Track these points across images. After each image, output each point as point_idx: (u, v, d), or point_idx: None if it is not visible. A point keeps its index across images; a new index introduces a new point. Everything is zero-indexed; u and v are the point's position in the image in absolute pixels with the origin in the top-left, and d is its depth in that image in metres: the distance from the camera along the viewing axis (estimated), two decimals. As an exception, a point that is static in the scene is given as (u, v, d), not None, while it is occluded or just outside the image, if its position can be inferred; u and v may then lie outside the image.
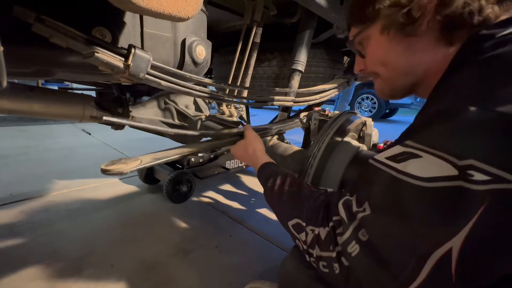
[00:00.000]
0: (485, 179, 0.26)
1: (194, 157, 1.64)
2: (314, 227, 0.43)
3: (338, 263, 0.37)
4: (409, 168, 0.32)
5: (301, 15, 0.97)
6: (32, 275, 0.91)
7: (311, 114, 0.92)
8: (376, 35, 0.45)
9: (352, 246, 0.35)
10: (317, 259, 0.41)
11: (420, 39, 0.41)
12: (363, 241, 0.34)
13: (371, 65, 0.49)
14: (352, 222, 0.37)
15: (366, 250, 0.34)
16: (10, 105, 0.54)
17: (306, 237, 0.44)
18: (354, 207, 0.37)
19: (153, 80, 0.51)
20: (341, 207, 0.40)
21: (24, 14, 0.40)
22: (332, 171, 0.75)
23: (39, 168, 1.91)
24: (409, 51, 0.42)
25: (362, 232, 0.35)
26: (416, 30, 0.39)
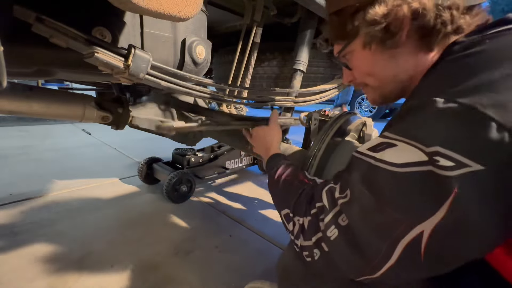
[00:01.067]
0: (450, 165, 0.28)
1: (194, 157, 1.64)
2: (299, 217, 0.45)
3: (318, 248, 0.39)
4: (385, 156, 0.34)
5: (301, 15, 0.97)
6: (32, 275, 0.91)
7: (311, 114, 0.92)
8: (359, 49, 0.47)
9: (331, 231, 0.37)
10: (301, 249, 0.43)
11: (401, 49, 0.43)
12: (342, 226, 0.36)
13: (359, 76, 0.51)
14: (333, 208, 0.38)
15: (343, 235, 0.36)
16: (10, 105, 0.54)
17: (293, 227, 0.45)
18: (337, 193, 0.39)
19: (153, 80, 0.51)
20: (324, 194, 0.41)
21: (24, 14, 0.40)
22: (333, 171, 0.75)
23: (39, 168, 1.91)
24: (392, 60, 0.45)
25: (342, 217, 0.37)
26: (396, 42, 0.42)
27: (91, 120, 0.68)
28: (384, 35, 0.41)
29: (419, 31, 0.41)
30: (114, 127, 0.76)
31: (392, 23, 0.40)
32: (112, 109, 0.72)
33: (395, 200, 0.32)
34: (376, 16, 0.40)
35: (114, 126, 0.75)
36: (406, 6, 0.39)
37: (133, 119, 0.79)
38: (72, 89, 1.67)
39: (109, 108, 0.71)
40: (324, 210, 0.40)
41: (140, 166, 1.65)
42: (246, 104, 0.87)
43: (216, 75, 1.49)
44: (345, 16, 0.45)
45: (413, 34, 0.41)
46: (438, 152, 0.29)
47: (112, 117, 0.72)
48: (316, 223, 0.41)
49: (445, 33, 0.40)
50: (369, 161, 0.36)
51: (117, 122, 0.74)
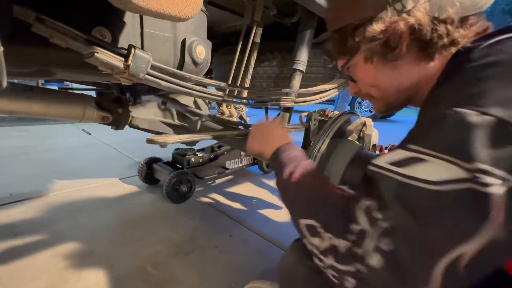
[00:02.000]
0: (495, 182, 0.27)
1: (194, 157, 1.64)
2: (331, 235, 0.39)
3: (354, 278, 0.36)
4: (416, 172, 0.32)
5: (301, 15, 0.97)
6: (32, 275, 0.91)
7: (311, 115, 0.92)
8: (361, 63, 0.49)
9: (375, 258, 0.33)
10: (329, 268, 0.39)
11: (402, 61, 0.45)
12: (386, 252, 0.32)
13: (363, 88, 0.53)
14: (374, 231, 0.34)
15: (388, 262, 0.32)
16: (10, 105, 0.54)
17: (322, 243, 0.40)
18: (376, 214, 0.34)
19: (153, 80, 0.51)
20: (361, 214, 0.36)
21: (24, 14, 0.40)
22: (332, 172, 0.75)
23: (39, 168, 1.91)
24: (394, 72, 0.46)
25: (385, 242, 0.33)
26: (396, 55, 0.43)
27: (91, 120, 0.68)
28: (384, 50, 0.43)
29: (418, 44, 0.42)
30: (114, 127, 0.76)
31: (391, 38, 0.42)
32: (112, 109, 0.72)
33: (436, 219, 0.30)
34: (375, 33, 0.42)
35: (114, 126, 0.76)
36: (402, 22, 0.41)
37: (133, 119, 0.79)
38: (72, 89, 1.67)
39: (109, 108, 0.71)
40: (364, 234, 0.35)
41: (140, 166, 1.65)
42: (246, 104, 0.86)
43: (216, 75, 1.49)
44: (345, 33, 0.47)
45: (413, 47, 0.43)
46: (480, 169, 0.28)
47: (112, 117, 0.72)
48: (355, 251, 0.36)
49: (443, 45, 0.41)
50: (396, 178, 0.33)
51: (117, 122, 0.75)
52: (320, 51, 1.22)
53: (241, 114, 1.76)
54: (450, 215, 0.29)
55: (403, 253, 0.31)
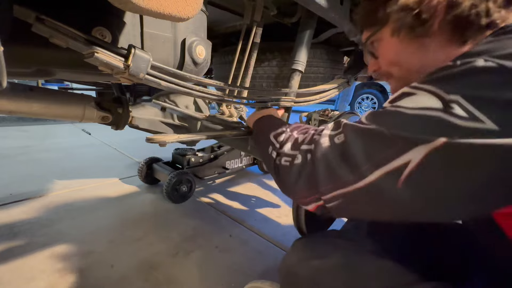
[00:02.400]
0: (463, 115, 0.28)
1: (194, 157, 1.64)
2: (294, 131, 0.50)
3: (301, 156, 0.43)
4: (400, 102, 0.35)
5: (301, 15, 0.97)
6: (31, 275, 0.91)
7: (311, 115, 0.92)
8: (387, 37, 0.46)
9: (325, 141, 0.40)
10: (283, 155, 0.47)
11: (431, 39, 0.41)
12: (335, 142, 0.39)
13: (384, 65, 0.50)
14: (335, 129, 0.41)
15: (334, 147, 0.38)
16: (10, 105, 0.54)
17: (283, 138, 0.50)
18: (344, 120, 0.41)
19: (153, 80, 0.51)
20: (332, 123, 0.44)
21: (24, 14, 0.40)
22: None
23: (39, 168, 1.91)
24: (420, 51, 0.43)
25: (338, 136, 0.39)
26: (427, 31, 0.40)
27: (91, 120, 0.68)
28: (415, 22, 0.40)
29: (452, 21, 0.39)
30: (114, 127, 0.76)
31: (425, 10, 0.39)
32: (112, 109, 0.72)
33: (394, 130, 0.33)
34: (409, 2, 0.39)
35: (114, 126, 0.76)
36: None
37: (133, 119, 0.79)
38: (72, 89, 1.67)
39: (109, 108, 0.71)
40: (323, 130, 0.43)
41: (140, 166, 1.65)
42: (246, 104, 0.86)
43: (216, 75, 1.49)
44: (377, 2, 0.45)
45: (446, 24, 0.40)
46: (456, 101, 0.29)
47: (112, 117, 0.72)
48: (310, 138, 0.44)
49: (479, 26, 0.38)
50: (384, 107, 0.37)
51: (117, 122, 0.75)
52: (320, 50, 1.22)
53: (241, 114, 1.76)
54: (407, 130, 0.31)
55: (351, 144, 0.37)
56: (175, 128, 1.01)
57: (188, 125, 1.04)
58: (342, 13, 0.85)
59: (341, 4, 0.85)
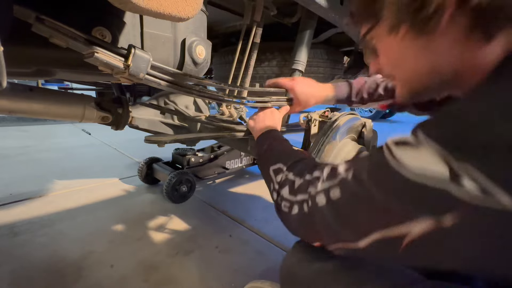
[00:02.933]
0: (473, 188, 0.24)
1: (194, 157, 1.64)
2: (292, 174, 0.48)
3: (298, 206, 0.42)
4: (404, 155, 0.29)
5: (301, 15, 0.97)
6: (31, 275, 0.91)
7: (310, 115, 0.92)
8: (385, 34, 0.38)
9: (321, 198, 0.38)
10: (282, 199, 0.47)
11: (441, 36, 0.32)
12: (332, 199, 0.36)
13: (386, 66, 0.43)
14: (330, 180, 0.38)
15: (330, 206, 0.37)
16: (10, 105, 0.54)
17: (281, 179, 0.49)
18: (340, 169, 0.38)
19: (153, 80, 0.51)
20: (327, 168, 0.41)
21: (24, 14, 0.40)
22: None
23: (39, 168, 1.91)
24: (428, 50, 0.34)
25: (334, 191, 0.37)
26: (434, 27, 0.31)
27: (91, 120, 0.68)
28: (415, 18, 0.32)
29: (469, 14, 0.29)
30: (114, 127, 0.76)
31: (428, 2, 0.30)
32: (112, 110, 0.72)
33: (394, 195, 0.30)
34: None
35: (114, 126, 0.76)
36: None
37: (133, 119, 0.79)
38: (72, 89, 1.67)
39: (109, 109, 0.71)
40: (319, 179, 0.41)
41: (140, 166, 1.65)
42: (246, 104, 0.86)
43: (216, 75, 1.49)
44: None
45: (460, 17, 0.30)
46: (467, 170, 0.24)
47: (112, 117, 0.72)
48: (305, 187, 0.42)
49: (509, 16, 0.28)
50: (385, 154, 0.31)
51: (117, 123, 0.75)
52: (320, 50, 1.22)
53: (241, 115, 1.76)
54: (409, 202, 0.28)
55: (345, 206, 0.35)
56: (175, 128, 1.01)
57: (188, 125, 1.04)
58: (342, 13, 0.86)
59: (341, 4, 0.85)
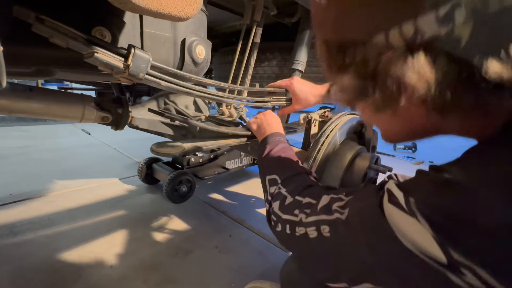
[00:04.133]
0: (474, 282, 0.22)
1: (194, 157, 1.64)
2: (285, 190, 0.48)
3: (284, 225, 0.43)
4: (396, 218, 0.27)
5: (301, 15, 0.97)
6: (31, 275, 0.91)
7: (310, 115, 0.92)
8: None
9: (311, 230, 0.38)
10: (272, 212, 0.48)
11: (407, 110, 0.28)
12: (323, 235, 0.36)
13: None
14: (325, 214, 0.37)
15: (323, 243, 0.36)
16: (10, 105, 0.54)
17: (274, 191, 0.50)
18: (336, 205, 0.37)
19: (153, 80, 0.51)
20: (326, 198, 0.39)
21: (24, 14, 0.40)
22: (332, 173, 0.75)
23: (39, 168, 1.91)
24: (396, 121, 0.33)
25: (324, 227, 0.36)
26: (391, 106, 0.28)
27: (91, 120, 0.68)
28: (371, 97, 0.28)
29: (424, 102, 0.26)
30: (113, 127, 0.76)
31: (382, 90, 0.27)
32: (112, 110, 0.72)
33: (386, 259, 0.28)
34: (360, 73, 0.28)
35: (113, 126, 0.75)
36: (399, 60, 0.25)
37: (132, 119, 0.79)
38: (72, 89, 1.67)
39: (109, 109, 0.71)
40: (312, 208, 0.40)
41: (140, 166, 1.65)
42: (246, 104, 0.86)
43: (216, 75, 1.49)
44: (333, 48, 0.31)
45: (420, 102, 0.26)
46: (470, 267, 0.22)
47: (112, 117, 0.72)
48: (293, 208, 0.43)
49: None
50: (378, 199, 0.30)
51: (116, 123, 0.74)
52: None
53: (241, 115, 1.76)
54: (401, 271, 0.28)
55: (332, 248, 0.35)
56: (175, 128, 1.00)
57: (188, 126, 1.04)
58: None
59: (341, 4, 0.84)
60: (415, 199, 0.26)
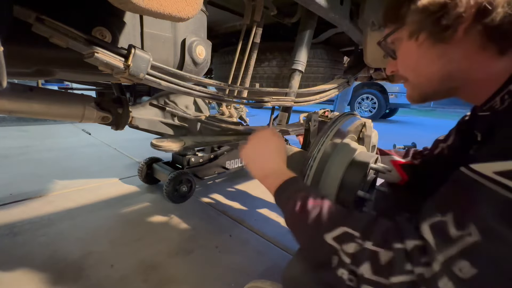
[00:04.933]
0: None
1: (194, 157, 1.64)
2: (371, 243, 0.34)
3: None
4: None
5: (301, 15, 0.97)
6: (32, 275, 0.91)
7: (310, 115, 0.92)
8: (406, 38, 0.41)
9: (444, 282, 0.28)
10: (362, 281, 0.34)
11: (457, 46, 0.36)
12: (462, 278, 0.27)
13: (402, 69, 0.45)
14: (446, 248, 0.28)
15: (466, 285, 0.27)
16: (10, 105, 0.54)
17: (356, 250, 0.35)
18: (452, 229, 0.29)
19: (153, 80, 0.51)
20: (427, 229, 0.31)
21: (24, 14, 0.40)
22: (332, 173, 0.75)
23: (39, 168, 1.91)
24: (443, 58, 0.38)
25: (460, 266, 0.27)
26: (450, 37, 0.35)
27: (91, 120, 0.68)
28: (435, 27, 0.35)
29: (483, 30, 0.33)
30: (114, 127, 0.76)
31: (447, 15, 0.33)
32: (112, 110, 0.72)
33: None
34: (430, 4, 0.34)
35: (114, 126, 0.76)
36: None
37: (133, 119, 0.79)
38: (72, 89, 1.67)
39: (109, 109, 0.71)
40: (427, 252, 0.30)
41: (140, 166, 1.65)
42: (246, 104, 0.86)
43: (216, 75, 1.49)
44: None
45: (475, 32, 0.34)
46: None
47: (112, 117, 0.72)
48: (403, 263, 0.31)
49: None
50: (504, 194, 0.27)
51: (117, 123, 0.75)
52: (320, 50, 1.22)
53: (241, 115, 1.76)
54: None
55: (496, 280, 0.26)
56: (175, 128, 1.01)
57: (188, 125, 1.04)
58: (342, 13, 0.86)
59: (341, 4, 0.85)
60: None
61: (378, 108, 5.52)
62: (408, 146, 2.50)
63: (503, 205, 0.27)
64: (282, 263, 1.03)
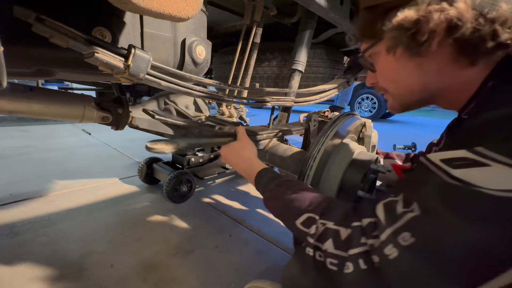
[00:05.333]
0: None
1: (194, 157, 1.64)
2: (330, 222, 0.40)
3: (353, 264, 0.35)
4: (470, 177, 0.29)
5: (301, 15, 0.97)
6: (32, 275, 0.91)
7: (310, 115, 0.92)
8: (383, 52, 0.44)
9: (389, 249, 0.32)
10: (326, 255, 0.39)
11: (432, 59, 0.39)
12: (404, 246, 0.31)
13: (381, 81, 0.48)
14: (393, 223, 0.33)
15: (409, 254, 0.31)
16: (10, 105, 0.54)
17: (316, 230, 0.41)
18: (400, 207, 0.34)
19: (153, 80, 0.51)
20: (380, 208, 0.36)
21: (24, 14, 0.40)
22: (332, 173, 0.75)
23: (39, 168, 1.91)
24: (420, 70, 0.41)
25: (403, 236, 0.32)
26: (425, 51, 0.38)
27: (91, 120, 0.68)
28: (411, 42, 0.38)
29: (454, 44, 0.36)
30: (114, 127, 0.76)
31: (421, 30, 0.36)
32: (112, 110, 0.72)
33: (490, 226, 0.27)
34: (404, 21, 0.36)
35: (114, 126, 0.75)
36: (439, 14, 0.34)
37: (133, 119, 0.79)
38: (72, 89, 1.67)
39: (109, 109, 0.71)
40: (378, 226, 0.35)
41: (140, 166, 1.65)
42: (246, 104, 0.86)
43: (216, 75, 1.49)
44: (376, 14, 0.41)
45: (447, 46, 0.37)
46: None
47: (112, 117, 0.72)
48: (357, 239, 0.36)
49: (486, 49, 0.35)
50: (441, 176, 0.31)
51: (117, 123, 0.74)
52: (320, 50, 1.22)
53: (241, 115, 1.77)
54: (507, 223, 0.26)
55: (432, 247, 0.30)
56: (175, 128, 1.01)
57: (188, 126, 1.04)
58: (342, 13, 0.86)
59: (341, 4, 0.85)
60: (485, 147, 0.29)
61: (378, 108, 5.52)
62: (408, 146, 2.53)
63: (441, 187, 0.31)
64: (282, 263, 1.03)
